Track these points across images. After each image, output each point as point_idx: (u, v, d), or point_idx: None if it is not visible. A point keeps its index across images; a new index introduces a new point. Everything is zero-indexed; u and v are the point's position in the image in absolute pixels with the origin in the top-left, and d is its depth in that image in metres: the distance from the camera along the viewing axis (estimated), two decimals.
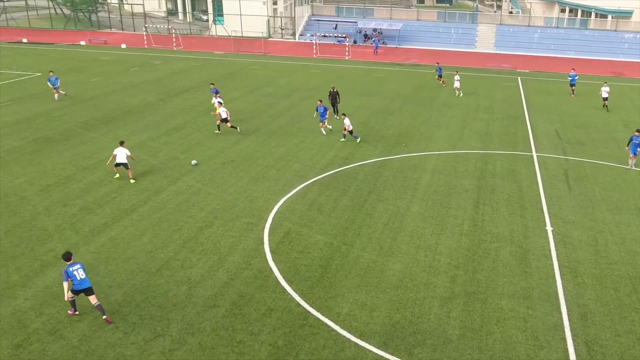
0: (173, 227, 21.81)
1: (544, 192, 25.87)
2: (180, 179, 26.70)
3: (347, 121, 32.25)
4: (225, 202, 24.12)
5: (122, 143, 26.57)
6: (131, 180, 26.14)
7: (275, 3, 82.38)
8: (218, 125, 33.99)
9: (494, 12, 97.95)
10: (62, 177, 26.67)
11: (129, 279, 18.12)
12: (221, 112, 33.62)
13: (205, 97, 43.45)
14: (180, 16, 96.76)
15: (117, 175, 26.32)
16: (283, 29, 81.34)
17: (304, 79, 52.12)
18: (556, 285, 18.22)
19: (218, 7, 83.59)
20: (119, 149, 26.08)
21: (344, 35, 69.38)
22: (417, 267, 19.14)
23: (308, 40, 75.32)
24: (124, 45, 71.48)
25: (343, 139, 32.66)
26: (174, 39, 72.67)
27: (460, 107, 42.15)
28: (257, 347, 15.01)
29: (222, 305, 16.78)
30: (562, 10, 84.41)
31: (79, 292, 15.92)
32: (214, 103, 36.11)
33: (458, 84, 45.95)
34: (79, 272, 15.86)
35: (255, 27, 78.27)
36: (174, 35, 73.51)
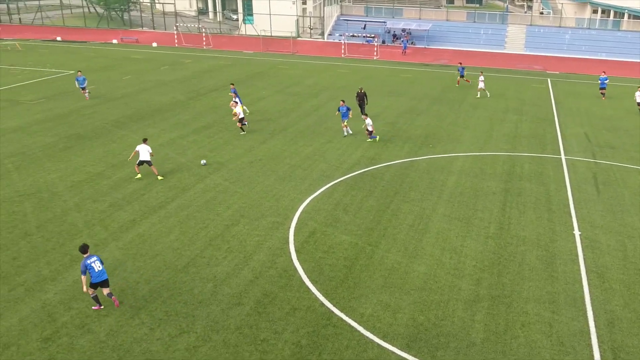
0: (200, 224, 22.07)
1: (572, 195, 25.58)
2: (207, 177, 26.98)
3: (368, 121, 32.24)
4: (252, 201, 24.32)
5: (145, 140, 26.83)
6: (158, 177, 26.49)
7: (304, 3, 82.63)
8: (241, 127, 34.23)
9: (524, 12, 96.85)
10: (93, 173, 27.15)
11: (156, 275, 18.40)
12: (238, 111, 33.92)
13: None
14: (210, 15, 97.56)
15: (138, 176, 26.45)
16: (312, 29, 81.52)
17: (331, 79, 52.21)
18: (583, 291, 18.03)
19: (248, 6, 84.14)
20: (141, 146, 26.32)
21: (373, 35, 69.30)
22: (441, 269, 19.10)
23: (336, 40, 75.33)
24: (155, 44, 72.36)
25: (370, 139, 32.69)
26: (204, 38, 73.31)
27: (489, 108, 41.84)
28: (280, 345, 15.14)
29: (246, 304, 16.95)
30: (594, 11, 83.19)
31: (98, 284, 16.19)
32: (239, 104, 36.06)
33: (482, 85, 45.51)
34: (96, 264, 16.14)
35: (284, 26, 78.60)
36: (204, 34, 74.13)
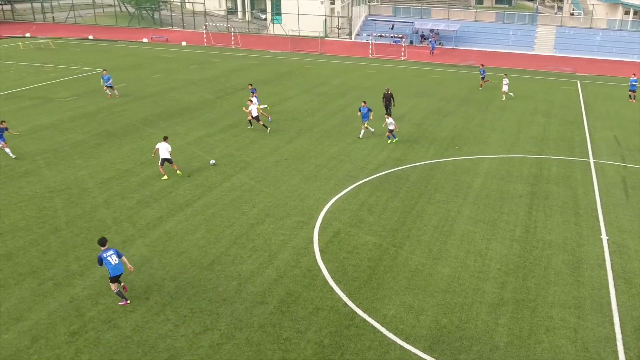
0: (225, 223, 22.29)
1: (600, 199, 25.26)
2: (234, 175, 27.22)
3: (390, 120, 32.19)
4: (277, 200, 24.48)
5: (165, 138, 27.08)
6: (178, 172, 26.80)
7: (332, 3, 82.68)
8: (264, 125, 34.38)
9: (554, 13, 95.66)
10: (122, 170, 27.57)
11: (182, 272, 18.64)
12: (252, 109, 34.14)
13: (260, 95, 43.98)
14: (239, 15, 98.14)
15: (164, 177, 26.67)
16: (339, 29, 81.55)
17: (358, 79, 52.20)
18: (609, 296, 17.82)
19: (277, 6, 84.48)
20: (161, 144, 26.57)
21: (401, 36, 69.08)
22: (466, 271, 19.03)
23: (364, 40, 75.28)
24: (184, 43, 73.06)
25: (395, 140, 32.65)
26: (232, 38, 73.79)
27: (517, 110, 41.45)
28: (302, 345, 15.24)
29: (270, 302, 17.09)
30: (626, 12, 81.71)
31: (115, 278, 16.52)
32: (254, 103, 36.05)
33: (506, 88, 44.93)
34: (112, 258, 16.48)
35: (312, 26, 78.74)
36: (232, 33, 74.64)
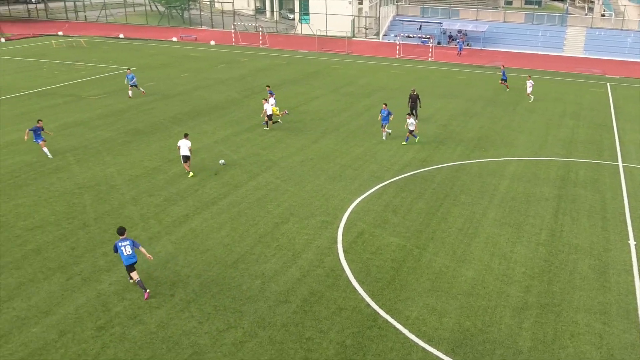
0: (250, 221, 22.47)
1: (629, 204, 24.90)
2: (260, 174, 27.41)
3: (410, 120, 32.05)
4: (302, 200, 24.60)
5: (186, 135, 27.39)
6: (190, 174, 27.03)
7: (360, 3, 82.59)
8: (266, 122, 34.91)
9: (584, 14, 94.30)
10: (149, 168, 27.94)
11: (206, 270, 18.86)
12: (267, 108, 34.39)
13: (287, 94, 44.29)
14: (267, 14, 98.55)
15: (191, 174, 26.99)
16: (367, 29, 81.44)
17: (385, 79, 52.10)
18: (636, 302, 17.58)
19: (305, 6, 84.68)
20: (182, 141, 26.90)
21: (428, 36, 68.76)
22: (490, 274, 18.93)
23: (391, 41, 75.05)
24: (212, 42, 73.63)
25: (405, 142, 32.45)
26: (260, 37, 74.15)
27: (545, 112, 41.00)
28: (325, 345, 15.32)
29: (293, 302, 17.20)
30: None
31: (129, 267, 16.99)
32: (271, 104, 36.23)
33: (530, 89, 44.38)
34: (126, 248, 16.90)
35: (340, 26, 78.76)
36: (260, 33, 75.02)
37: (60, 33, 78.37)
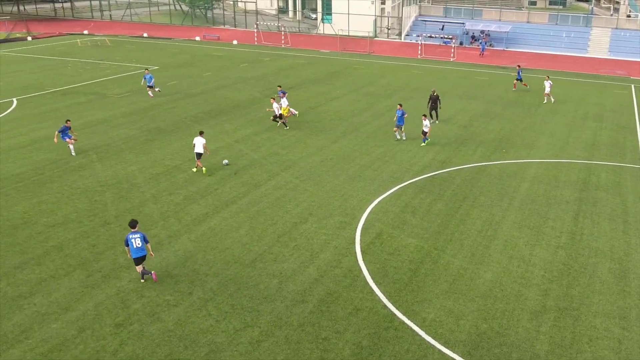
0: (269, 221, 22.58)
1: None
2: (279, 174, 27.52)
3: (426, 122, 31.89)
4: (321, 200, 24.66)
5: (201, 133, 27.68)
6: (194, 169, 27.42)
7: (383, 3, 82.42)
8: (274, 119, 35.19)
9: (610, 15, 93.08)
10: (170, 166, 28.20)
11: (224, 269, 18.99)
12: (275, 108, 34.57)
13: (308, 94, 44.39)
14: (290, 14, 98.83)
15: (204, 171, 27.28)
16: (389, 29, 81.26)
17: (406, 80, 51.95)
18: None
19: (327, 6, 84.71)
20: (197, 139, 27.21)
21: (450, 37, 68.41)
22: (508, 277, 18.82)
23: (413, 41, 74.81)
24: (235, 42, 73.99)
25: (423, 144, 32.36)
26: (282, 37, 74.36)
27: (567, 114, 40.59)
28: (341, 345, 15.36)
29: (310, 301, 17.27)
30: None
31: (138, 260, 17.49)
32: (283, 105, 36.30)
33: (548, 90, 43.86)
34: (136, 241, 17.41)
35: (362, 26, 78.68)
36: (283, 32, 75.23)
37: (86, 32, 79.37)
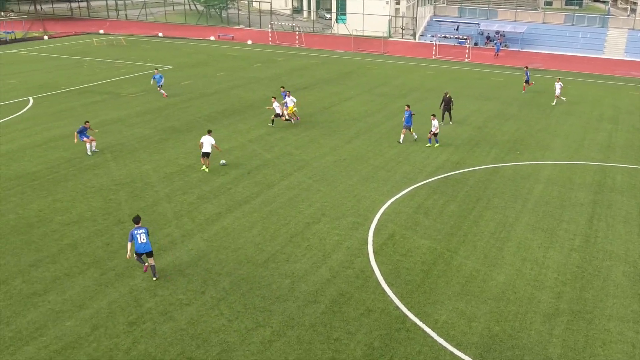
0: (282, 221, 22.63)
1: None
2: (292, 174, 27.56)
3: (434, 122, 31.75)
4: (334, 200, 24.67)
5: (209, 132, 27.88)
6: (206, 169, 27.52)
7: (397, 3, 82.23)
8: (272, 120, 35.51)
9: (627, 16, 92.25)
10: (184, 166, 28.33)
11: (237, 268, 19.06)
12: (276, 107, 34.80)
13: (321, 94, 44.41)
14: (304, 14, 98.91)
15: (203, 167, 27.57)
16: (404, 29, 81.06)
17: (420, 80, 51.81)
18: None
19: (342, 6, 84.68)
20: (205, 137, 27.38)
21: (465, 37, 68.15)
22: (521, 279, 18.73)
23: (428, 41, 74.57)
24: (249, 42, 74.16)
25: (429, 144, 32.22)
26: (297, 37, 74.43)
27: (582, 115, 40.30)
28: (352, 346, 15.37)
29: (322, 302, 17.29)
30: None
31: (141, 254, 17.84)
32: (286, 103, 36.26)
33: (559, 91, 43.48)
34: (141, 236, 17.68)
35: (376, 26, 78.56)
36: (297, 32, 75.27)
37: (101, 31, 79.90)
